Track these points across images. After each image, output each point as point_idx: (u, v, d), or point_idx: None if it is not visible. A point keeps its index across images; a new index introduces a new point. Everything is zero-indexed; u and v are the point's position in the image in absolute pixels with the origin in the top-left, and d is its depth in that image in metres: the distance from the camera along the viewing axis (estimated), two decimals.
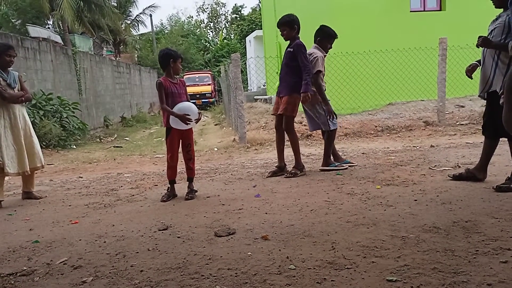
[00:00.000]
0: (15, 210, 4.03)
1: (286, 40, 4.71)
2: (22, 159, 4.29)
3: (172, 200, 4.05)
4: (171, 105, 3.93)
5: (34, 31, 13.88)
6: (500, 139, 3.83)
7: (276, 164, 4.98)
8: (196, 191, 4.18)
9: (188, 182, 4.19)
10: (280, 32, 4.69)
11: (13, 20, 20.47)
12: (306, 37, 4.92)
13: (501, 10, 3.67)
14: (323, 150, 5.04)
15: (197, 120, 3.99)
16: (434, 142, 6.62)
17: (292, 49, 4.58)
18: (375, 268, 2.21)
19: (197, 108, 4.09)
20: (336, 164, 4.94)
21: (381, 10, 10.98)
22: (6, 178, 4.63)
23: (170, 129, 4.03)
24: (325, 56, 4.95)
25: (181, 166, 4.27)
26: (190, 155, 4.14)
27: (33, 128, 4.64)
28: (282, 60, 4.85)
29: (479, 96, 3.95)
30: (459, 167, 4.60)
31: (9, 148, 4.21)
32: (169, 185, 4.17)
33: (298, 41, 4.60)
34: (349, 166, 4.99)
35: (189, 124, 3.91)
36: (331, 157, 5.00)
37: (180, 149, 4.15)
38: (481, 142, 6.12)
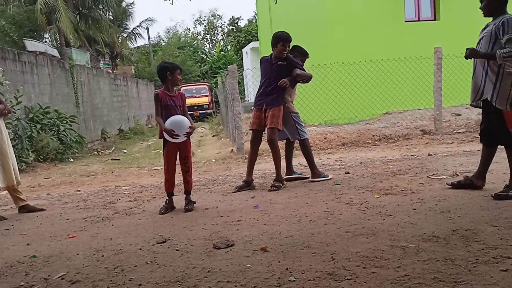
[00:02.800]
0: (12, 225, 3.99)
1: (284, 55, 4.63)
2: (9, 172, 4.29)
3: (170, 212, 4.02)
4: (165, 117, 3.95)
5: (31, 45, 13.92)
6: (498, 147, 3.84)
7: (244, 179, 4.86)
8: (195, 202, 4.16)
9: (185, 195, 4.18)
10: (285, 48, 4.58)
11: (10, 34, 20.56)
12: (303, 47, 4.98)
13: (491, 19, 3.70)
14: (307, 162, 5.00)
15: (187, 135, 3.99)
16: (432, 150, 6.63)
17: (285, 63, 4.63)
18: (376, 279, 2.20)
19: (194, 119, 4.10)
20: (287, 177, 5.01)
21: (376, 20, 11.08)
22: (3, 192, 4.61)
23: (166, 140, 4.03)
24: None
25: (178, 178, 4.26)
26: (188, 168, 4.13)
27: (31, 141, 4.62)
28: (264, 73, 4.76)
29: (470, 105, 3.98)
30: (457, 175, 4.60)
31: None
32: (167, 198, 4.16)
33: (290, 56, 4.69)
34: (300, 178, 5.02)
35: (177, 138, 3.92)
36: (286, 170, 5.02)
37: (178, 161, 4.15)
38: (479, 150, 6.13)
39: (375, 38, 10.83)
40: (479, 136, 4.00)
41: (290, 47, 4.76)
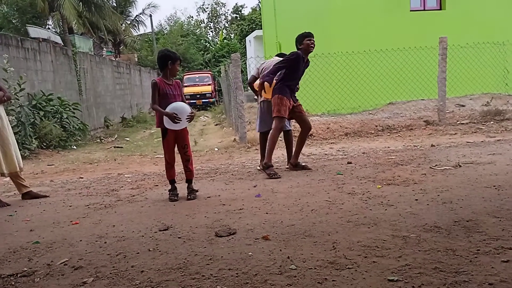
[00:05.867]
0: (15, 211, 4.02)
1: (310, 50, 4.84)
2: (12, 159, 4.30)
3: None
4: (164, 106, 3.91)
5: (34, 31, 13.86)
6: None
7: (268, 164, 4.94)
8: (197, 191, 4.18)
9: (187, 184, 4.19)
10: (312, 44, 4.79)
11: (13, 21, 20.49)
12: None
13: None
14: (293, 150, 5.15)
15: (190, 119, 3.94)
16: (435, 141, 6.61)
17: (308, 64, 5.01)
18: (376, 268, 2.21)
19: (197, 108, 4.10)
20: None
21: (381, 10, 10.97)
22: (6, 179, 4.63)
23: (166, 130, 4.03)
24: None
25: (179, 167, 4.26)
26: (188, 156, 4.13)
27: (34, 128, 4.62)
28: (300, 70, 4.93)
29: None
30: (460, 166, 4.59)
31: None
32: (170, 186, 4.17)
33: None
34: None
35: (179, 123, 3.88)
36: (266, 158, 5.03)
37: (177, 151, 4.15)
38: (482, 141, 6.13)
39: (380, 28, 10.73)
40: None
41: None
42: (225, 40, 35.09)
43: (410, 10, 11.34)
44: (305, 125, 5.05)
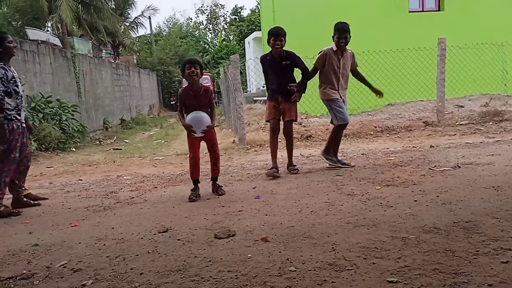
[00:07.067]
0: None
1: (279, 51, 4.74)
2: None
3: (172, 202, 4.04)
4: (187, 113, 4.15)
5: (33, 33, 13.87)
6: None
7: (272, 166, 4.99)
8: (222, 187, 4.31)
9: (212, 181, 4.33)
10: (277, 42, 4.69)
11: (13, 23, 20.46)
12: (305, 37, 4.96)
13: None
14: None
15: (204, 132, 4.11)
16: (434, 142, 6.61)
17: (289, 62, 4.83)
18: (376, 269, 2.21)
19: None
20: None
21: (380, 11, 10.98)
22: None
23: None
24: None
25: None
26: (217, 155, 4.31)
27: (33, 130, 4.60)
28: (273, 71, 4.92)
29: None
30: (459, 167, 4.59)
31: None
32: (193, 185, 4.22)
33: (291, 51, 4.87)
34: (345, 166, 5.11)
35: (195, 134, 4.08)
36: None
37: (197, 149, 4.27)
38: (481, 142, 6.13)
39: (379, 29, 10.74)
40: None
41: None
42: (224, 42, 35.13)
43: (409, 11, 11.36)
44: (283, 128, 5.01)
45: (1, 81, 4.00)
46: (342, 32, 4.96)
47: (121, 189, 4.85)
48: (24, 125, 4.19)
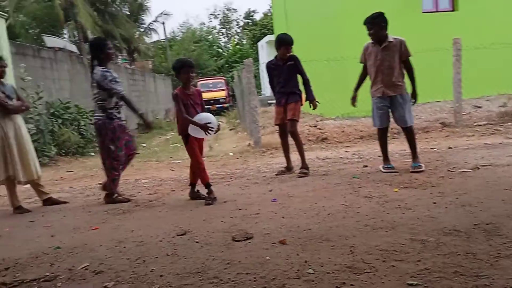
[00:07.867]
0: (42, 215, 4.10)
1: (287, 57, 5.08)
2: (29, 167, 4.38)
3: (189, 205, 4.08)
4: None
5: (50, 41, 14.15)
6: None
7: (285, 165, 5.29)
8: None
9: (191, 188, 4.33)
10: (286, 51, 5.05)
11: (30, 31, 20.93)
12: (318, 41, 4.97)
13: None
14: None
15: (216, 131, 4.12)
16: (452, 143, 6.53)
17: (293, 62, 5.09)
18: (395, 272, 2.20)
19: (211, 113, 4.21)
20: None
21: (393, 12, 10.82)
22: (27, 186, 4.73)
23: (187, 137, 4.11)
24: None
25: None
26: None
27: (53, 136, 4.71)
28: (276, 71, 5.17)
29: None
30: (478, 168, 4.53)
31: (15, 157, 4.28)
32: (207, 190, 4.19)
33: (294, 55, 5.15)
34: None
35: (209, 134, 4.03)
36: None
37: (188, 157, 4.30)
38: (500, 143, 6.02)
39: (392, 30, 10.52)
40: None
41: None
42: (237, 46, 35.29)
43: (423, 12, 11.23)
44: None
45: (115, 81, 4.27)
46: (367, 25, 5.07)
47: (139, 192, 4.91)
48: (124, 122, 4.54)
